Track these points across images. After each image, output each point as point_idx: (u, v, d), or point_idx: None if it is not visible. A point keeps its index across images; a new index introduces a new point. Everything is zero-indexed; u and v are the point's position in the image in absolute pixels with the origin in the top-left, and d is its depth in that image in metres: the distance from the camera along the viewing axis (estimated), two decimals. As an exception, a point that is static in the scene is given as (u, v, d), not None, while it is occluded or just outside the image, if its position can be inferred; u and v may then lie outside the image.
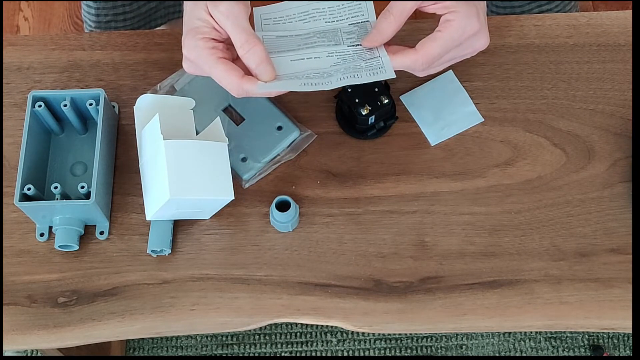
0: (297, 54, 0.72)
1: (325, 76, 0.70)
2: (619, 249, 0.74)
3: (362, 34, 0.74)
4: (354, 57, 0.72)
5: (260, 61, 0.67)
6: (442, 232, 0.75)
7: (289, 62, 0.71)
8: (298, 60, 0.72)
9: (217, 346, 1.32)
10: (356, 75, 0.70)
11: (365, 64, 0.71)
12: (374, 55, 0.72)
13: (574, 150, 0.78)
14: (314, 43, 0.73)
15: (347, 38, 0.74)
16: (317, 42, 0.74)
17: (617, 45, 0.83)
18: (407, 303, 0.73)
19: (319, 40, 0.74)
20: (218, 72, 0.67)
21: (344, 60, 0.72)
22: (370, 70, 0.70)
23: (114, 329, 0.72)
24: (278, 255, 0.75)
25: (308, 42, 0.74)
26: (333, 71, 0.70)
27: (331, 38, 0.74)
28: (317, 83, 0.69)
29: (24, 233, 0.77)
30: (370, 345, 1.31)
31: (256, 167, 0.77)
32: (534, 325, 0.72)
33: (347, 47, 0.73)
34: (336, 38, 0.74)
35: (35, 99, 0.76)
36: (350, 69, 0.70)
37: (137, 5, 1.09)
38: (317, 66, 0.71)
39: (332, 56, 0.72)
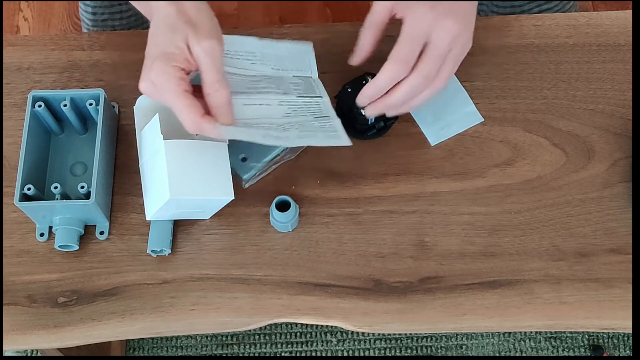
0: (248, 98, 0.72)
1: (282, 130, 0.70)
2: (619, 249, 0.74)
3: (307, 86, 0.75)
4: (303, 110, 0.73)
5: (224, 104, 0.67)
6: (442, 232, 0.75)
7: (242, 105, 0.71)
8: (250, 105, 0.72)
9: (217, 346, 1.32)
10: (314, 136, 0.71)
11: (318, 123, 0.72)
12: (322, 113, 0.73)
13: (573, 150, 0.78)
14: (264, 88, 0.73)
15: (294, 89, 0.75)
16: (266, 87, 0.74)
17: (617, 45, 0.83)
18: (407, 303, 0.73)
19: (268, 85, 0.74)
20: (180, 105, 0.66)
21: (294, 111, 0.73)
22: (326, 133, 0.72)
23: (114, 329, 0.72)
24: (278, 255, 0.75)
25: (257, 86, 0.73)
26: (287, 125, 0.71)
27: (279, 85, 0.74)
28: (277, 137, 0.69)
29: (24, 233, 0.77)
30: (370, 345, 1.31)
31: (256, 167, 0.77)
32: (534, 325, 0.72)
33: (297, 97, 0.74)
34: (284, 87, 0.74)
35: (35, 99, 0.76)
36: (305, 127, 0.71)
37: None
38: (268, 114, 0.72)
39: (283, 106, 0.73)
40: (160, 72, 0.66)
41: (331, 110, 0.75)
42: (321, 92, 0.77)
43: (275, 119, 0.72)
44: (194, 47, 0.66)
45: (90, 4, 1.08)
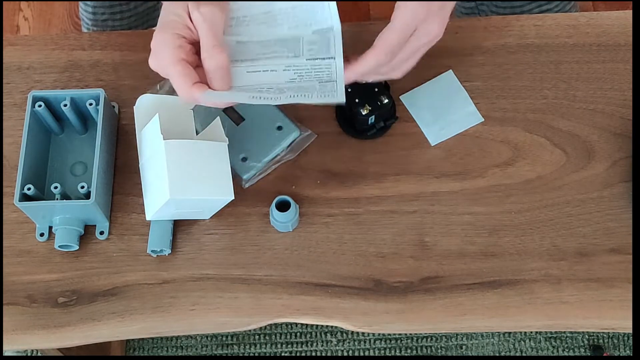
0: (253, 65, 0.71)
1: (277, 92, 0.69)
2: (619, 249, 0.74)
3: (323, 45, 0.73)
4: (310, 75, 0.72)
5: (219, 68, 0.67)
6: (442, 232, 0.75)
7: (245, 73, 0.70)
8: (254, 72, 0.71)
9: (217, 346, 1.32)
10: (307, 95, 0.70)
11: (319, 85, 0.71)
12: (330, 77, 0.72)
13: (574, 150, 0.78)
14: (273, 53, 0.72)
15: (307, 49, 0.73)
16: (276, 52, 0.72)
17: (617, 45, 0.83)
18: (407, 303, 0.72)
19: (279, 50, 0.72)
20: (174, 72, 0.66)
21: (300, 76, 0.71)
22: (322, 92, 0.70)
23: (114, 329, 0.72)
24: (278, 255, 0.75)
25: (267, 52, 0.72)
26: (286, 88, 0.70)
27: (291, 48, 0.73)
28: (266, 97, 0.68)
29: (24, 233, 0.77)
30: (370, 345, 1.31)
31: (256, 167, 0.77)
32: (534, 325, 0.72)
33: (306, 60, 0.72)
34: (296, 49, 0.73)
35: (35, 99, 0.76)
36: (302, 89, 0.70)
37: (133, 4, 1.10)
38: (272, 80, 0.71)
39: (289, 70, 0.72)
40: (158, 40, 0.67)
41: (340, 73, 0.72)
42: (336, 52, 0.73)
43: (277, 85, 0.71)
44: (193, 13, 0.66)
45: (90, 3, 1.08)
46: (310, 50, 0.73)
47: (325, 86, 0.71)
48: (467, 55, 0.83)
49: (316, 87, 0.71)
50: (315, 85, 0.71)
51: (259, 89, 0.70)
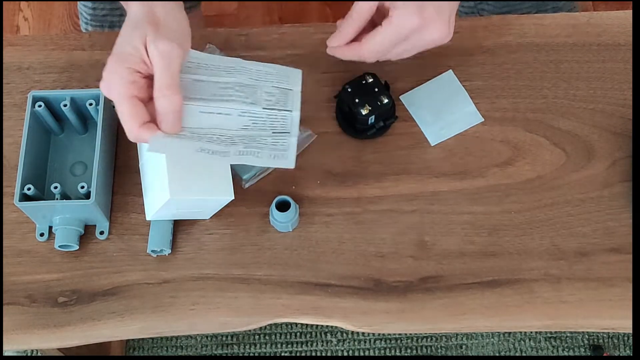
0: (207, 106, 0.69)
1: (227, 143, 0.68)
2: (619, 248, 0.74)
3: (282, 99, 0.73)
4: (265, 124, 0.71)
5: (171, 111, 0.64)
6: (442, 232, 0.75)
7: (197, 112, 0.68)
8: (207, 113, 0.69)
9: (217, 346, 1.32)
10: (257, 154, 0.69)
11: (272, 140, 0.71)
12: (285, 128, 0.72)
13: (573, 150, 0.78)
14: (230, 96, 0.70)
15: (265, 99, 0.72)
16: (232, 95, 0.70)
17: (617, 45, 0.83)
18: (407, 303, 0.73)
19: (235, 94, 0.71)
20: (122, 110, 0.64)
21: (254, 124, 0.70)
22: (273, 152, 0.70)
23: (114, 328, 0.72)
24: (278, 255, 0.75)
25: (223, 93, 0.70)
26: (238, 139, 0.69)
27: (249, 95, 0.71)
28: (215, 151, 0.67)
29: (24, 233, 0.77)
30: (370, 345, 1.31)
31: (256, 167, 0.77)
32: (534, 325, 0.72)
33: (262, 109, 0.71)
34: (254, 96, 0.71)
35: (35, 99, 0.76)
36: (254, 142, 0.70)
37: None
38: (224, 125, 0.69)
39: (244, 116, 0.70)
40: (111, 71, 0.64)
41: (295, 126, 0.73)
42: (294, 106, 0.74)
43: (230, 131, 0.69)
44: (150, 47, 0.63)
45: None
46: (267, 101, 0.72)
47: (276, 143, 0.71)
48: (467, 55, 0.83)
49: (268, 143, 0.71)
50: (267, 141, 0.71)
51: (209, 135, 0.68)
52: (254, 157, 0.69)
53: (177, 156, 0.68)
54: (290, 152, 0.71)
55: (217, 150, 0.68)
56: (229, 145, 0.68)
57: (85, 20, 1.12)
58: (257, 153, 0.69)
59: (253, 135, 0.70)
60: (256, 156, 0.69)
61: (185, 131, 0.67)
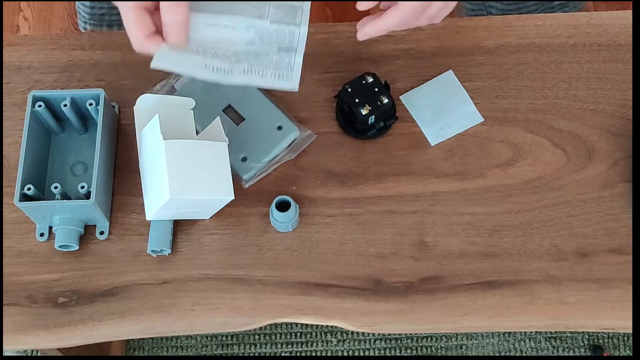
0: (214, 18, 0.68)
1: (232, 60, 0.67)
2: (619, 249, 0.74)
3: (290, 13, 0.71)
4: (271, 39, 0.70)
5: (177, 23, 0.64)
6: (442, 232, 0.75)
7: (204, 25, 0.68)
8: (213, 25, 0.68)
9: (217, 346, 1.32)
10: (261, 73, 0.68)
11: (277, 57, 0.69)
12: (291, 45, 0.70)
13: (574, 150, 0.78)
14: (238, 9, 0.69)
15: (273, 12, 0.70)
16: (240, 9, 0.69)
17: (617, 45, 0.83)
18: (407, 303, 0.72)
19: (244, 6, 0.69)
20: (128, 19, 0.64)
21: (260, 39, 0.69)
22: (277, 71, 0.68)
23: (114, 329, 0.72)
24: (278, 256, 0.75)
25: (231, 6, 0.69)
26: (243, 55, 0.68)
27: (257, 7, 0.70)
28: (219, 68, 0.66)
29: (24, 233, 0.77)
30: (370, 345, 1.31)
31: (256, 167, 0.77)
32: (534, 325, 0.72)
33: (270, 23, 0.70)
34: (262, 9, 0.70)
35: (35, 99, 0.76)
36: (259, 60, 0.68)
37: None
38: (230, 39, 0.68)
39: (250, 31, 0.69)
40: None
41: (302, 42, 0.71)
42: (302, 21, 0.72)
43: (236, 45, 0.69)
44: None
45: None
46: (275, 14, 0.71)
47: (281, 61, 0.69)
48: (467, 55, 0.83)
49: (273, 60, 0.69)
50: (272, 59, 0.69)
51: (214, 50, 0.67)
52: (258, 77, 0.68)
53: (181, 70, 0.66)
54: (295, 73, 0.69)
55: (221, 67, 0.67)
56: (233, 63, 0.67)
57: (84, 19, 1.11)
58: (261, 72, 0.68)
59: (259, 52, 0.69)
60: (260, 75, 0.68)
61: (191, 44, 0.66)
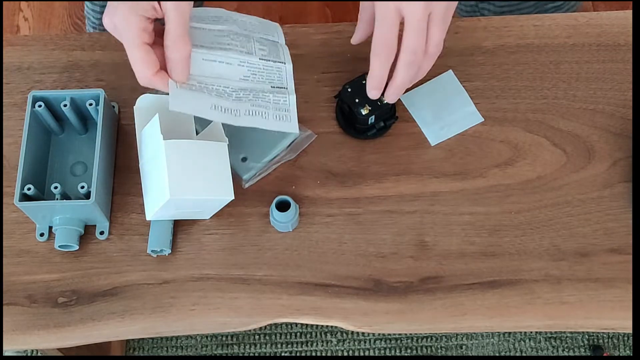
0: (209, 53, 0.71)
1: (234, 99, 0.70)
2: (619, 249, 0.74)
3: (273, 50, 0.75)
4: (262, 75, 0.73)
5: (181, 60, 0.67)
6: (442, 232, 0.75)
7: (201, 60, 0.71)
8: (210, 61, 0.71)
9: (217, 346, 1.32)
10: (264, 114, 0.71)
11: (273, 97, 0.72)
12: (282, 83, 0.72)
13: (574, 150, 0.78)
14: (228, 45, 0.73)
15: (259, 49, 0.74)
16: (230, 44, 0.73)
17: (617, 45, 0.83)
18: (407, 303, 0.72)
19: (232, 42, 0.73)
20: (135, 57, 0.66)
21: (253, 75, 0.72)
22: (277, 112, 0.71)
23: (114, 329, 0.72)
24: (278, 255, 0.75)
25: (221, 42, 0.73)
26: (242, 93, 0.71)
27: (244, 44, 0.74)
28: (227, 109, 0.69)
29: (24, 233, 0.77)
30: (370, 345, 1.31)
31: (256, 167, 0.77)
32: (534, 325, 0.72)
33: (259, 59, 0.73)
34: (248, 45, 0.74)
35: (35, 99, 0.76)
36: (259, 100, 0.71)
37: None
38: (226, 74, 0.71)
39: (243, 66, 0.72)
40: (123, 18, 0.65)
41: (290, 81, 0.75)
42: (286, 59, 0.76)
43: (232, 81, 0.71)
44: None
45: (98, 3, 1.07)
46: (261, 51, 0.74)
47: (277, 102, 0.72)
48: (467, 55, 0.83)
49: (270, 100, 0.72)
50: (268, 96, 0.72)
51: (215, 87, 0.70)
52: (262, 118, 0.70)
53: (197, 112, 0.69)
54: (292, 114, 0.72)
55: (228, 108, 0.69)
56: (236, 102, 0.70)
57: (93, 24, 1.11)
58: (263, 114, 0.70)
59: (254, 89, 0.71)
60: (264, 117, 0.70)
61: (192, 80, 0.69)
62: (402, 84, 0.71)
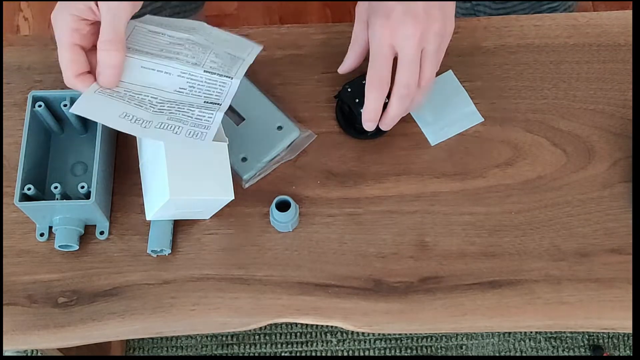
0: (149, 61, 0.70)
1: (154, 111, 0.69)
2: (619, 249, 0.74)
3: (227, 64, 0.73)
4: (200, 90, 0.71)
5: (110, 66, 0.66)
6: (442, 232, 0.75)
7: (139, 67, 0.70)
8: (148, 69, 0.70)
9: (217, 346, 1.32)
10: (177, 129, 0.68)
11: (198, 112, 0.70)
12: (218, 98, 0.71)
13: (574, 150, 0.78)
14: (175, 54, 0.71)
15: (210, 60, 0.72)
16: (179, 53, 0.72)
17: (617, 45, 0.83)
18: (407, 303, 0.72)
19: (183, 51, 0.72)
20: (62, 57, 0.66)
21: (190, 87, 0.71)
22: (194, 128, 0.69)
23: (114, 329, 0.72)
24: (278, 256, 0.75)
25: (170, 50, 0.72)
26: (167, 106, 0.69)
27: (196, 54, 0.72)
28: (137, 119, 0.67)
29: (24, 233, 0.77)
30: (370, 345, 1.31)
31: (256, 167, 0.77)
32: (534, 325, 0.72)
33: (203, 71, 0.72)
34: (200, 56, 0.72)
35: (35, 99, 0.76)
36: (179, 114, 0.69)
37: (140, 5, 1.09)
38: (160, 84, 0.70)
39: (183, 77, 0.71)
40: (57, 16, 0.65)
41: (229, 96, 0.72)
42: (237, 74, 0.73)
43: (163, 92, 0.70)
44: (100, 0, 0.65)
45: None
46: (212, 63, 0.73)
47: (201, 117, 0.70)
48: (467, 55, 0.83)
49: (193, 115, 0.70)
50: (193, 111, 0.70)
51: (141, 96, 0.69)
52: (172, 134, 0.68)
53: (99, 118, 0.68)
54: (211, 131, 0.70)
55: (140, 117, 0.68)
56: (153, 114, 0.68)
57: None
58: (176, 129, 0.69)
59: (183, 102, 0.70)
60: (174, 132, 0.68)
61: (121, 86, 0.68)
62: (396, 115, 0.74)
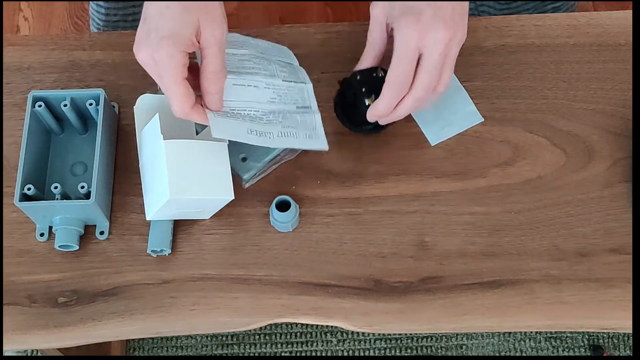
0: (238, 79, 0.73)
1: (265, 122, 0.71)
2: (619, 249, 0.74)
3: (292, 72, 0.77)
4: (287, 96, 0.75)
5: (217, 92, 0.68)
6: (442, 232, 0.75)
7: (231, 85, 0.72)
8: (239, 85, 0.72)
9: (217, 346, 1.32)
10: (295, 134, 0.73)
11: (300, 117, 0.73)
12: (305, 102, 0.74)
13: (574, 150, 0.78)
14: (252, 69, 0.74)
15: (280, 71, 0.76)
16: (254, 67, 0.74)
17: (617, 45, 0.83)
18: (407, 303, 0.72)
19: (256, 66, 0.74)
20: (174, 92, 0.66)
21: (279, 96, 0.74)
22: (306, 131, 0.73)
23: (114, 329, 0.72)
24: (278, 255, 0.75)
25: (246, 66, 0.74)
26: (272, 116, 0.72)
27: (266, 67, 0.75)
28: (261, 133, 0.70)
29: (24, 233, 0.77)
30: (370, 345, 1.31)
31: (256, 167, 0.77)
32: (534, 325, 0.72)
33: (282, 81, 0.75)
34: (270, 68, 0.75)
35: (35, 99, 0.76)
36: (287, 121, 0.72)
37: None
38: (255, 98, 0.73)
39: (269, 89, 0.74)
40: (165, 54, 0.64)
41: (313, 100, 0.77)
42: (305, 79, 0.78)
43: (261, 104, 0.73)
44: (205, 31, 0.65)
45: (103, 4, 1.07)
46: (282, 72, 0.76)
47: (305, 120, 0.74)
48: (467, 55, 0.83)
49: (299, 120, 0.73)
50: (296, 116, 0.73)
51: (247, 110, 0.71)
52: (293, 139, 0.72)
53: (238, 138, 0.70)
54: (320, 131, 0.74)
55: (262, 130, 0.71)
56: (268, 125, 0.71)
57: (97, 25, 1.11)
58: (294, 133, 0.72)
59: (282, 111, 0.73)
60: (294, 137, 0.72)
61: (225, 106, 0.70)
62: (403, 115, 0.73)
